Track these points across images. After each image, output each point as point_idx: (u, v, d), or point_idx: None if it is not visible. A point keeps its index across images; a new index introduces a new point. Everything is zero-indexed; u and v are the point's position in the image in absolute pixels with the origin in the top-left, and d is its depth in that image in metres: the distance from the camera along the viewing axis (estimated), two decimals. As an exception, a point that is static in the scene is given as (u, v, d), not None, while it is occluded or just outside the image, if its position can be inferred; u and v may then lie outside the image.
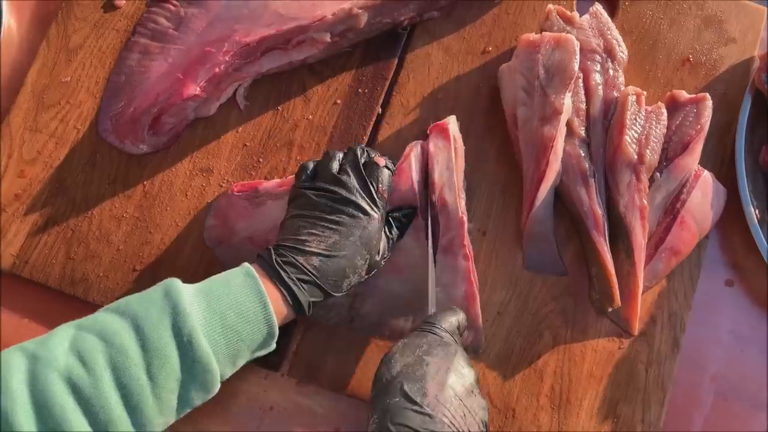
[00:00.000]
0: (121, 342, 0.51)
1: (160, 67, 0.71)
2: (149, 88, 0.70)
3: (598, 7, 0.72)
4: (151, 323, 0.52)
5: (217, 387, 0.55)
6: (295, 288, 0.57)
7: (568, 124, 0.68)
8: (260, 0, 0.69)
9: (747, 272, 0.71)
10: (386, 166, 0.63)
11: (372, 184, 0.61)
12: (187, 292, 0.54)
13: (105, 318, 0.53)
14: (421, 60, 0.74)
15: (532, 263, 0.70)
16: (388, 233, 0.63)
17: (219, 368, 0.53)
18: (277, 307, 0.56)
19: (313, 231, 0.59)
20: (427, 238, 0.65)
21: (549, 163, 0.66)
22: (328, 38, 0.69)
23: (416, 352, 0.54)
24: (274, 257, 0.58)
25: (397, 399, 0.51)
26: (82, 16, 0.74)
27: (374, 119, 0.73)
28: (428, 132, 0.66)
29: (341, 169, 0.62)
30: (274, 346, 0.58)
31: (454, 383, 0.53)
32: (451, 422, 0.51)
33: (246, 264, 0.58)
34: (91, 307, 0.59)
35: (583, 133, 0.69)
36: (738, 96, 0.72)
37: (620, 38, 0.71)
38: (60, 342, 0.51)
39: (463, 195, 0.66)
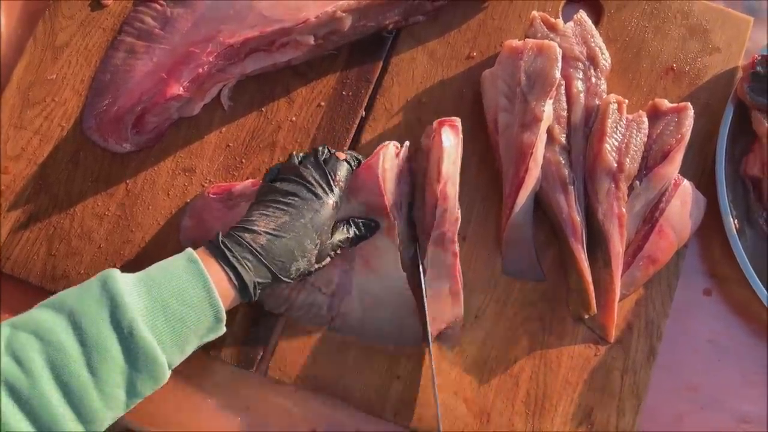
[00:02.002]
0: (58, 339, 0.50)
1: (145, 66, 0.71)
2: (133, 87, 0.70)
3: (583, 15, 0.72)
4: (89, 317, 0.51)
5: (166, 376, 0.54)
6: (239, 267, 0.56)
7: (549, 131, 0.69)
8: (245, 1, 0.69)
9: (725, 282, 0.72)
10: (346, 161, 0.63)
11: (329, 173, 0.62)
12: (125, 282, 0.53)
13: (40, 315, 0.52)
14: (406, 64, 0.75)
15: (510, 268, 0.70)
16: (344, 229, 0.63)
17: (165, 357, 0.53)
18: (222, 290, 0.55)
19: (265, 212, 0.59)
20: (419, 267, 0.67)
21: (528, 170, 0.67)
22: (311, 41, 0.69)
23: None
24: (220, 237, 0.58)
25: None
26: (70, 14, 0.74)
27: (357, 122, 0.73)
28: (435, 125, 0.66)
29: (301, 163, 0.63)
30: (223, 329, 0.57)
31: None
32: None
33: (189, 249, 0.57)
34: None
35: (563, 140, 0.69)
36: (720, 106, 0.72)
37: (603, 46, 0.71)
38: None
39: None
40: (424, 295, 0.66)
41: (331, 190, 0.61)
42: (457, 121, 0.66)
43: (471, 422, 0.67)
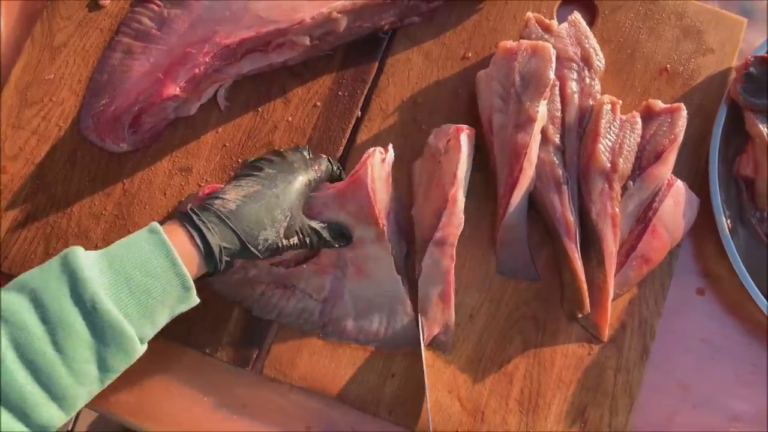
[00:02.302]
0: (21, 318, 0.50)
1: (142, 66, 0.72)
2: (130, 87, 0.71)
3: (577, 16, 0.72)
4: (51, 294, 0.51)
5: (138, 348, 0.54)
6: (204, 229, 0.55)
7: (543, 132, 0.69)
8: (242, 2, 0.70)
9: (718, 281, 0.72)
10: (329, 159, 0.65)
11: (308, 157, 0.63)
12: (86, 257, 0.53)
13: (2, 297, 0.51)
14: (402, 64, 0.75)
15: (504, 268, 0.71)
16: (316, 226, 0.62)
17: (134, 330, 0.52)
18: (187, 256, 0.55)
19: (238, 184, 0.59)
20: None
21: (522, 170, 0.67)
22: (307, 41, 0.70)
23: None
24: (189, 206, 0.57)
25: None
26: (67, 15, 0.75)
27: (353, 122, 0.74)
28: (454, 130, 0.67)
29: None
30: (194, 299, 0.56)
31: None
32: None
33: (153, 222, 0.56)
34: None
35: (557, 140, 0.70)
36: (714, 107, 0.72)
37: (598, 47, 0.72)
38: None
39: None
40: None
41: (308, 169, 0.61)
42: (472, 130, 0.67)
43: (465, 420, 0.67)
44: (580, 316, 0.68)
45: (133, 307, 0.53)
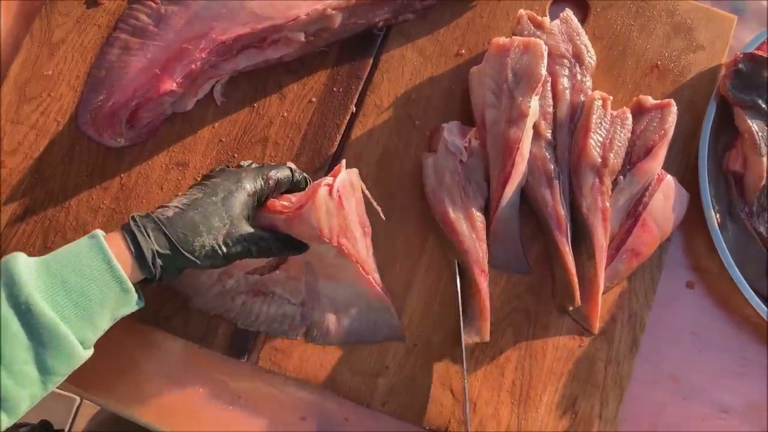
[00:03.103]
0: None
1: (139, 62, 0.72)
2: (128, 83, 0.72)
3: (569, 13, 0.73)
4: None
5: (81, 351, 0.54)
6: (138, 234, 0.56)
7: (535, 127, 0.70)
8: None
9: (707, 275, 0.73)
10: (291, 169, 0.65)
11: (262, 168, 0.63)
12: (24, 263, 0.54)
13: None
14: (396, 61, 0.76)
15: (497, 261, 0.71)
16: (263, 235, 0.61)
17: (72, 332, 0.53)
18: (123, 260, 0.55)
19: (185, 193, 0.60)
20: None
21: (514, 164, 0.68)
22: (302, 38, 0.71)
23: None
24: (132, 212, 0.59)
25: None
26: (65, 12, 0.76)
27: (348, 118, 0.74)
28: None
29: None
30: (138, 302, 0.57)
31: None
32: None
33: (96, 230, 0.57)
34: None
35: (549, 135, 0.71)
36: (704, 103, 0.73)
37: (589, 44, 0.73)
38: None
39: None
40: (459, 305, 0.68)
41: (256, 179, 0.61)
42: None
43: (458, 412, 0.68)
44: (571, 309, 0.69)
45: (71, 309, 0.53)
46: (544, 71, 0.69)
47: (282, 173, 0.64)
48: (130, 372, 0.69)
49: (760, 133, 0.70)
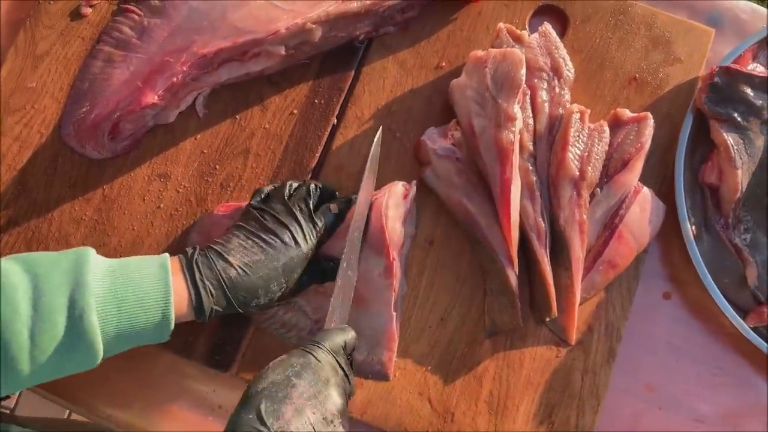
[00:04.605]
0: (15, 297, 0.52)
1: (122, 74, 0.73)
2: (110, 95, 0.72)
3: (547, 27, 0.74)
4: (50, 287, 0.53)
5: (96, 363, 0.56)
6: (203, 292, 0.58)
7: (519, 137, 0.70)
8: (219, 12, 0.72)
9: (684, 285, 0.74)
10: (336, 214, 0.66)
11: (317, 223, 0.64)
12: (95, 265, 0.55)
13: (9, 269, 0.54)
14: (377, 73, 0.77)
15: (475, 273, 0.72)
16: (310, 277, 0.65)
17: (103, 347, 0.55)
18: (179, 304, 0.57)
19: (243, 243, 0.61)
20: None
21: (513, 167, 0.68)
22: (282, 51, 0.71)
23: (287, 371, 0.54)
24: (196, 256, 0.60)
25: (251, 416, 0.51)
26: (50, 24, 0.76)
27: (329, 130, 0.75)
28: None
29: (292, 199, 0.64)
30: (167, 338, 0.59)
31: (312, 411, 0.52)
32: None
33: (165, 255, 0.59)
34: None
35: (531, 147, 0.71)
36: (681, 115, 0.74)
37: (567, 57, 0.73)
38: None
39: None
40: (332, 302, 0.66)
41: (311, 240, 0.63)
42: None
43: (435, 422, 0.69)
44: (548, 319, 0.70)
45: (113, 327, 0.55)
46: (523, 76, 0.69)
47: (330, 221, 0.66)
48: (109, 379, 0.70)
49: (735, 146, 0.71)
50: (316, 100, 0.76)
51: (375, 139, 0.71)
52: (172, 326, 0.58)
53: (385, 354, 0.68)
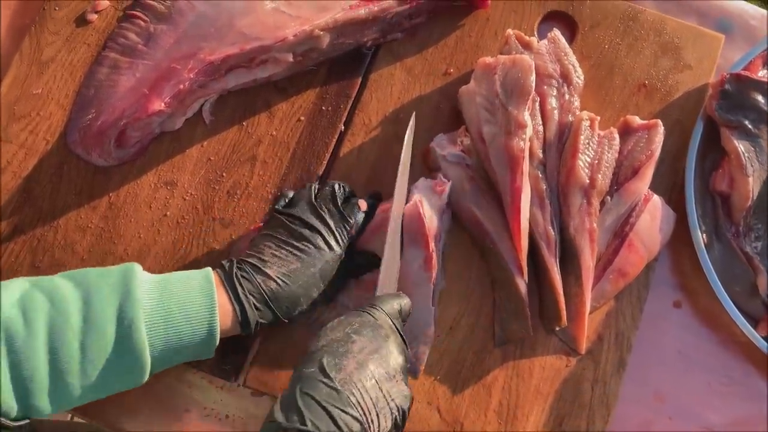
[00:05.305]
0: (67, 308, 0.53)
1: (128, 81, 0.73)
2: (116, 102, 0.72)
3: (557, 33, 0.73)
4: (100, 298, 0.54)
5: (144, 378, 0.56)
6: (247, 306, 0.59)
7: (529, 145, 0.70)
8: (226, 19, 0.71)
9: (694, 294, 0.73)
10: (365, 211, 0.66)
11: (347, 223, 0.64)
12: (143, 279, 0.56)
13: (60, 282, 0.55)
14: (384, 80, 0.76)
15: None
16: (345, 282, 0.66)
17: (150, 361, 0.55)
18: (224, 319, 0.58)
19: (277, 253, 0.61)
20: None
21: (523, 174, 0.67)
22: (290, 58, 0.71)
23: (346, 329, 0.55)
24: (234, 270, 0.60)
25: (312, 369, 0.52)
26: (55, 30, 0.76)
27: (336, 136, 0.75)
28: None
29: (318, 202, 0.64)
30: (212, 354, 0.59)
31: (374, 365, 0.53)
32: (358, 401, 0.51)
33: (208, 269, 0.60)
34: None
35: (541, 154, 0.71)
36: (691, 122, 0.73)
37: (577, 64, 0.73)
38: (12, 293, 0.53)
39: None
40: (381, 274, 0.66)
41: (343, 241, 0.63)
42: None
43: (444, 431, 0.69)
44: (557, 328, 0.69)
45: (161, 341, 0.56)
46: (533, 83, 0.69)
47: (360, 220, 0.66)
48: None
49: (746, 154, 0.70)
50: (323, 107, 0.75)
51: (409, 126, 0.70)
52: (218, 340, 0.58)
53: (421, 348, 0.68)
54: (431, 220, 0.66)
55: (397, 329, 0.57)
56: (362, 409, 0.51)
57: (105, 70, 0.74)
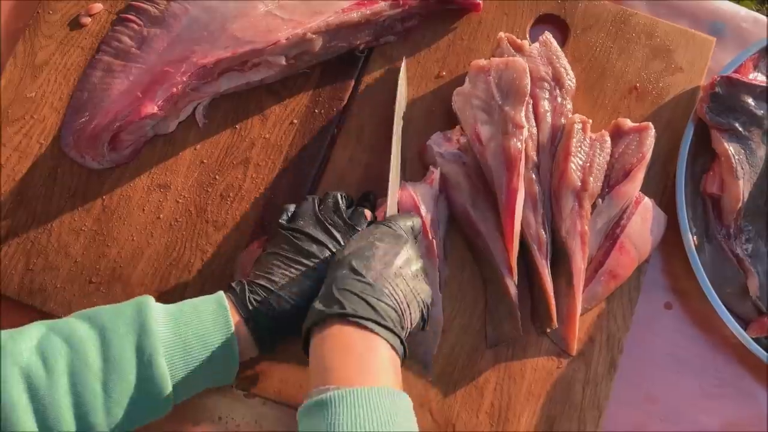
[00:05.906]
0: (85, 350, 0.53)
1: (122, 84, 0.73)
2: (110, 105, 0.72)
3: (548, 36, 0.74)
4: (117, 336, 0.54)
5: (168, 410, 0.57)
6: (263, 329, 0.59)
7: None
8: (219, 22, 0.71)
9: (685, 296, 0.74)
10: (369, 221, 0.66)
11: (355, 233, 0.63)
12: (157, 312, 0.56)
13: (75, 324, 0.55)
14: (377, 83, 0.76)
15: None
16: None
17: (173, 392, 0.55)
18: (242, 343, 0.58)
19: (287, 273, 0.61)
20: None
21: (520, 175, 0.68)
22: (283, 61, 0.71)
23: (369, 238, 0.59)
24: (247, 294, 0.60)
25: (344, 271, 0.56)
26: (49, 34, 0.76)
27: (329, 139, 0.75)
28: None
29: (323, 215, 0.64)
30: (232, 381, 0.60)
31: (399, 264, 0.58)
32: (390, 293, 0.56)
33: (220, 293, 0.59)
34: (48, 317, 0.62)
35: (535, 157, 0.71)
36: (682, 124, 0.74)
37: (568, 66, 0.73)
38: (29, 338, 0.53)
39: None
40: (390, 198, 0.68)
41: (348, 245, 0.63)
42: None
43: (436, 433, 0.69)
44: (549, 330, 0.69)
45: (182, 371, 0.56)
46: (528, 85, 0.69)
47: (363, 224, 0.65)
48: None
49: (736, 156, 0.71)
50: (316, 110, 0.76)
51: (400, 76, 0.73)
52: (237, 367, 0.59)
53: (431, 336, 0.68)
54: (427, 207, 0.68)
55: (411, 239, 0.61)
56: (395, 299, 0.56)
57: (99, 73, 0.74)
